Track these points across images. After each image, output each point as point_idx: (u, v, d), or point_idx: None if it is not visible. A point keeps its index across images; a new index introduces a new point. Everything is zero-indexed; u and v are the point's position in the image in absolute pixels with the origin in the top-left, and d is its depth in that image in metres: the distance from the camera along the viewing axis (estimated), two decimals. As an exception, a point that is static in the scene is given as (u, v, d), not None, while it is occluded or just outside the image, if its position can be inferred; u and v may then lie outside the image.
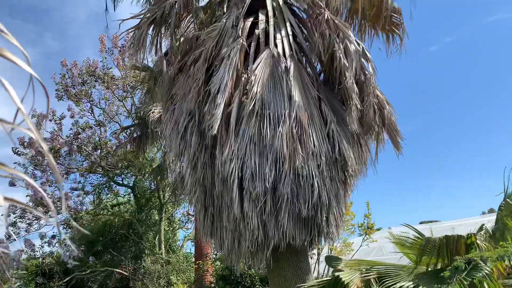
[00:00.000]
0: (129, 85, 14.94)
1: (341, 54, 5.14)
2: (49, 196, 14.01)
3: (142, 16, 5.67)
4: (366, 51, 5.50)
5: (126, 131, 13.80)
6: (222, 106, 4.80)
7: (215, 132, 4.76)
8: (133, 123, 13.30)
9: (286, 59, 5.37)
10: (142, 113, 11.75)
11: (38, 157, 14.39)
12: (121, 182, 16.76)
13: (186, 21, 6.71)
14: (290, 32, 5.61)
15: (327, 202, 4.86)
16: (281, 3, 5.76)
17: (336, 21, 5.35)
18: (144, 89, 11.50)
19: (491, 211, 17.95)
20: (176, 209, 17.80)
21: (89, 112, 15.19)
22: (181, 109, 5.19)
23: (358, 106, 5.20)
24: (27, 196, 14.35)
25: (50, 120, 14.67)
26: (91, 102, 15.09)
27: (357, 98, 5.18)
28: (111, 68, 14.98)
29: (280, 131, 4.76)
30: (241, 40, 5.17)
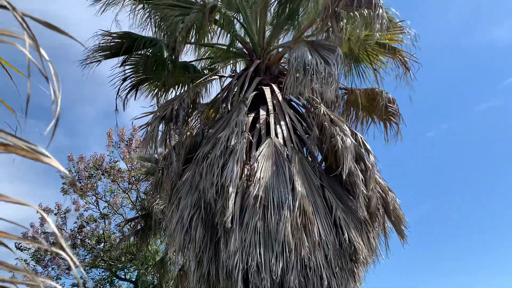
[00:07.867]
0: (134, 177, 15.14)
1: (341, 145, 5.35)
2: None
3: (152, 114, 6.05)
4: (364, 141, 5.73)
5: (130, 224, 13.68)
6: (233, 198, 4.88)
7: (229, 225, 4.78)
8: (137, 214, 13.23)
9: (287, 149, 5.56)
10: (146, 204, 11.77)
11: (40, 252, 14.14)
12: (123, 277, 16.16)
13: (192, 117, 7.09)
14: (290, 125, 5.89)
15: (337, 295, 4.70)
16: (280, 99, 6.13)
17: (332, 116, 5.66)
18: (150, 180, 11.68)
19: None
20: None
21: (94, 204, 15.23)
22: (187, 202, 5.26)
23: (364, 191, 5.30)
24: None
25: (56, 214, 14.69)
26: (96, 196, 15.19)
27: (362, 184, 5.30)
28: (117, 161, 15.32)
29: (285, 217, 4.76)
30: (246, 135, 5.42)
